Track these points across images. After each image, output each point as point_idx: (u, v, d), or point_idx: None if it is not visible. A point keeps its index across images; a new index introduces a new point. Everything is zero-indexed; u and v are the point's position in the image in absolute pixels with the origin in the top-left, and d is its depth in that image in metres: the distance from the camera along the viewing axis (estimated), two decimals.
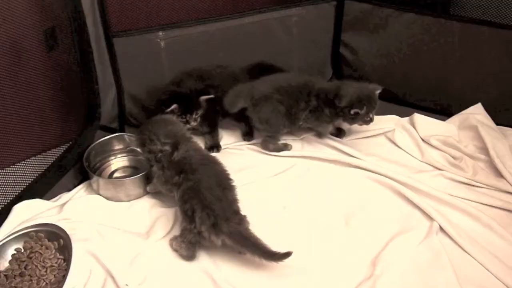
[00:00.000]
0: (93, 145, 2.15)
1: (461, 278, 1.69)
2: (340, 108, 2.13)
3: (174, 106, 2.07)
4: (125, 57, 2.24)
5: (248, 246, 1.70)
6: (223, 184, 1.79)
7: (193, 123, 2.16)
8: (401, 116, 2.45)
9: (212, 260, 1.78)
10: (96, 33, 2.12)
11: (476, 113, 2.37)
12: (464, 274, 1.71)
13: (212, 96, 2.18)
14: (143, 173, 2.01)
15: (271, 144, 2.25)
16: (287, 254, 1.66)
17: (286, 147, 2.27)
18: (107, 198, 2.03)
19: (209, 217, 1.69)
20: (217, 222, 1.69)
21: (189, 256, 1.78)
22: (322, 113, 2.19)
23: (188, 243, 1.76)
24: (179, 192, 1.79)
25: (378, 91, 2.17)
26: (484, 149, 2.21)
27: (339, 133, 2.36)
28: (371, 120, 2.18)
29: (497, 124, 2.34)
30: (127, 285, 1.67)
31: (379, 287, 1.67)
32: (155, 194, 2.05)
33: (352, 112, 2.12)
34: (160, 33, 2.25)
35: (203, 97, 2.15)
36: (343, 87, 2.15)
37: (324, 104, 2.17)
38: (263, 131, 2.25)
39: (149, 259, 1.78)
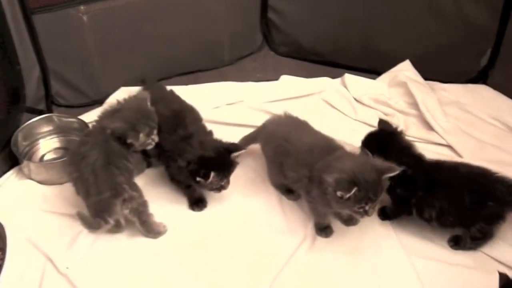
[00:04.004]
0: (20, 128, 2.07)
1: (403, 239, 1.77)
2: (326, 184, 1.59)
3: (212, 175, 1.75)
4: (46, 34, 2.15)
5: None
6: (113, 161, 1.71)
7: (227, 186, 1.85)
8: (332, 78, 2.47)
9: None
10: (12, 10, 2.01)
11: (405, 70, 2.42)
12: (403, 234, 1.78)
13: (244, 150, 1.91)
14: None
15: None
16: None
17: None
18: (40, 182, 1.98)
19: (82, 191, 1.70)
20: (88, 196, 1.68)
21: (95, 225, 1.69)
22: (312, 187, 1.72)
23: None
24: None
25: (388, 175, 1.58)
26: (414, 104, 2.28)
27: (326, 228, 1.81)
28: (366, 213, 1.60)
29: (425, 79, 2.40)
30: (67, 268, 1.64)
31: (318, 245, 1.75)
32: None
33: (337, 194, 1.56)
34: (82, 7, 2.16)
35: (235, 154, 1.82)
36: (339, 159, 1.65)
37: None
38: None
39: (87, 241, 1.75)
